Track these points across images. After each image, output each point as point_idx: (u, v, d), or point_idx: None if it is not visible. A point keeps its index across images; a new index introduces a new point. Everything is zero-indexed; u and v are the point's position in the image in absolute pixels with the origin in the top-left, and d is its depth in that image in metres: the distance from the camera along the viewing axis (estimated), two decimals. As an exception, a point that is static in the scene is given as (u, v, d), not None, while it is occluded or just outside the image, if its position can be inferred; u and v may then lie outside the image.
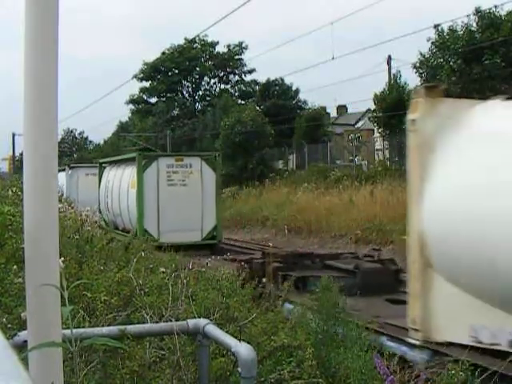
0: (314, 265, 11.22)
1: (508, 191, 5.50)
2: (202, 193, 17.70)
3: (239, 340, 3.52)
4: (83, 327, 3.69)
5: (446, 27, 27.03)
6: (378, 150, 36.10)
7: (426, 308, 5.76)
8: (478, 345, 4.64)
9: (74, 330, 2.14)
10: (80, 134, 75.40)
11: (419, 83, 29.40)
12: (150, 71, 53.14)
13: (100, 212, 20.31)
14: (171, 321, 4.14)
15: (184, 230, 16.96)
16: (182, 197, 17.37)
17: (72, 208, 13.44)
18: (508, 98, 6.39)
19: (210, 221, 17.84)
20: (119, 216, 19.62)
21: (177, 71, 53.62)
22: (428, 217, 6.27)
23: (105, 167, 22.76)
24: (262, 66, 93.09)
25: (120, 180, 19.56)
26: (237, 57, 53.91)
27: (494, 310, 5.41)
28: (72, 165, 31.18)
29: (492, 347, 4.61)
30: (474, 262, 5.67)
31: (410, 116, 6.60)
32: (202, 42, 52.99)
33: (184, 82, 55.25)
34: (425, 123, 6.34)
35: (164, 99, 54.83)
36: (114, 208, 20.18)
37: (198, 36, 47.59)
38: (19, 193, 9.05)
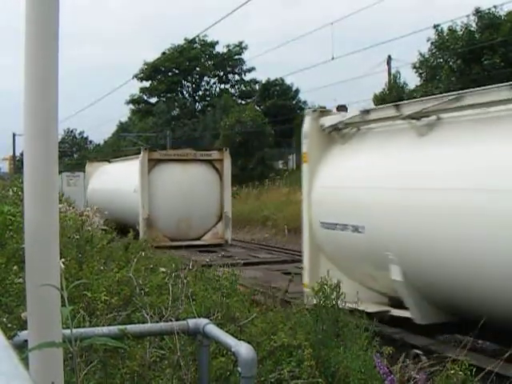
0: None
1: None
2: None
3: (239, 340, 3.53)
4: (83, 327, 3.69)
5: (445, 27, 27.08)
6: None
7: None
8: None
9: (74, 330, 2.14)
10: (80, 134, 75.47)
11: (419, 83, 29.45)
12: (150, 71, 53.16)
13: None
14: (171, 320, 4.14)
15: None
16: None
17: (72, 208, 13.45)
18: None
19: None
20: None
21: (177, 71, 53.66)
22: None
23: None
24: (262, 66, 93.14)
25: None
26: (237, 57, 53.94)
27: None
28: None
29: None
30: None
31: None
32: (202, 42, 53.02)
33: (184, 82, 55.29)
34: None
35: (164, 99, 54.86)
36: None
37: (197, 36, 47.65)
38: (19, 193, 9.06)
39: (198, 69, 53.82)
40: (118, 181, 19.14)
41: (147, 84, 54.71)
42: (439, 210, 6.61)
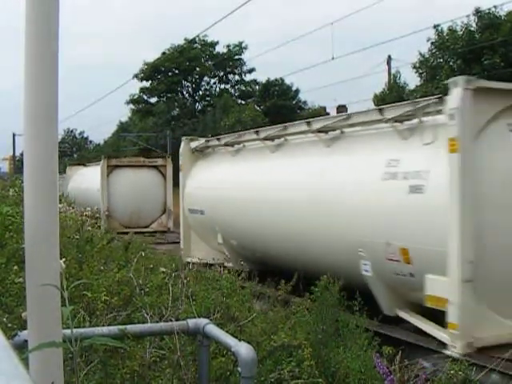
0: None
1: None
2: None
3: (239, 340, 3.53)
4: (83, 327, 3.69)
5: (445, 27, 27.08)
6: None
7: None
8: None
9: (75, 330, 2.14)
10: (80, 134, 75.53)
11: (419, 83, 29.44)
12: (151, 71, 53.14)
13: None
14: (171, 320, 4.14)
15: None
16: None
17: (72, 208, 13.46)
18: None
19: None
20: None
21: (177, 71, 53.63)
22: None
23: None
24: (261, 66, 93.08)
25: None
26: (237, 57, 53.92)
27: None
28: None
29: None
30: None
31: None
32: (202, 42, 52.99)
33: (184, 82, 55.26)
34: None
35: (164, 99, 54.82)
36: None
37: (198, 36, 47.63)
38: (20, 193, 9.06)
39: (198, 69, 53.78)
40: (88, 181, 23.09)
41: (147, 84, 54.70)
42: (245, 202, 10.93)
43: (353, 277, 7.38)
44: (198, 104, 56.11)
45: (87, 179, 23.64)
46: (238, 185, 11.35)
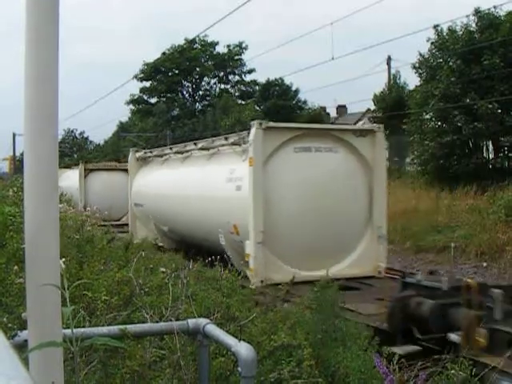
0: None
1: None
2: None
3: (239, 340, 3.53)
4: (83, 327, 3.69)
5: (445, 28, 27.06)
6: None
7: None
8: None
9: (75, 330, 2.14)
10: (80, 134, 75.47)
11: (419, 83, 29.44)
12: (151, 71, 53.15)
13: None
14: (171, 320, 4.14)
15: None
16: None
17: (73, 208, 13.46)
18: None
19: None
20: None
21: (177, 71, 53.64)
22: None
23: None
24: (262, 66, 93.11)
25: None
26: (237, 57, 53.92)
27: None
28: None
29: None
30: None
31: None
32: (202, 43, 53.01)
33: (184, 82, 55.28)
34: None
35: (164, 99, 54.84)
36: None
37: (198, 36, 47.68)
38: (20, 193, 9.06)
39: (198, 69, 53.79)
40: (71, 182, 26.34)
41: (147, 84, 54.72)
42: (165, 197, 14.96)
43: (216, 245, 11.52)
44: (197, 104, 56.14)
45: (70, 180, 26.84)
46: (162, 185, 15.51)
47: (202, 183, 12.75)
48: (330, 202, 10.50)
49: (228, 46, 53.77)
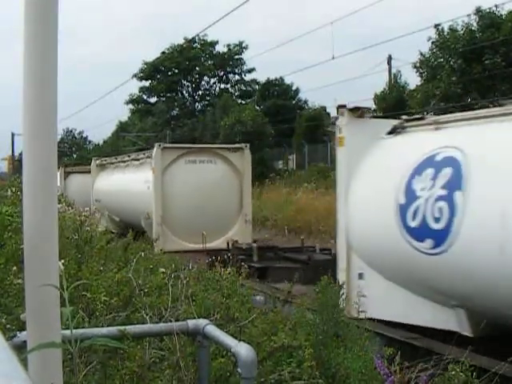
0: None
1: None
2: None
3: (239, 340, 3.51)
4: (83, 328, 3.67)
5: (446, 27, 27.06)
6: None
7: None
8: None
9: (74, 331, 2.13)
10: (79, 133, 75.42)
11: (419, 83, 29.45)
12: (150, 71, 53.13)
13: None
14: (171, 321, 4.13)
15: None
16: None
17: (72, 208, 13.45)
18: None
19: None
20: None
21: (177, 71, 53.61)
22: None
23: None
24: (261, 66, 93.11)
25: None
26: (237, 56, 53.88)
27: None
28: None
29: None
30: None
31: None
32: (202, 42, 52.96)
33: (184, 82, 55.24)
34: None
35: (164, 99, 54.82)
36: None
37: (197, 35, 47.61)
38: (18, 193, 9.04)
39: (197, 68, 53.75)
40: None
41: (147, 84, 54.69)
42: (111, 194, 21.31)
43: (142, 227, 16.92)
44: (197, 104, 56.11)
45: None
46: (110, 185, 21.46)
47: (132, 184, 18.92)
48: (210, 198, 16.33)
49: (228, 45, 53.73)
